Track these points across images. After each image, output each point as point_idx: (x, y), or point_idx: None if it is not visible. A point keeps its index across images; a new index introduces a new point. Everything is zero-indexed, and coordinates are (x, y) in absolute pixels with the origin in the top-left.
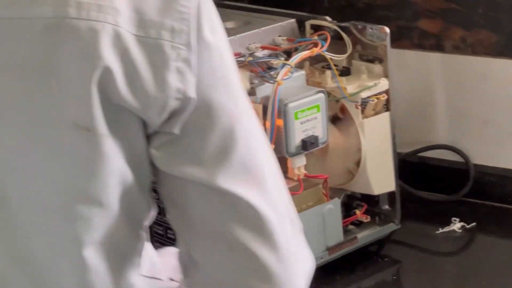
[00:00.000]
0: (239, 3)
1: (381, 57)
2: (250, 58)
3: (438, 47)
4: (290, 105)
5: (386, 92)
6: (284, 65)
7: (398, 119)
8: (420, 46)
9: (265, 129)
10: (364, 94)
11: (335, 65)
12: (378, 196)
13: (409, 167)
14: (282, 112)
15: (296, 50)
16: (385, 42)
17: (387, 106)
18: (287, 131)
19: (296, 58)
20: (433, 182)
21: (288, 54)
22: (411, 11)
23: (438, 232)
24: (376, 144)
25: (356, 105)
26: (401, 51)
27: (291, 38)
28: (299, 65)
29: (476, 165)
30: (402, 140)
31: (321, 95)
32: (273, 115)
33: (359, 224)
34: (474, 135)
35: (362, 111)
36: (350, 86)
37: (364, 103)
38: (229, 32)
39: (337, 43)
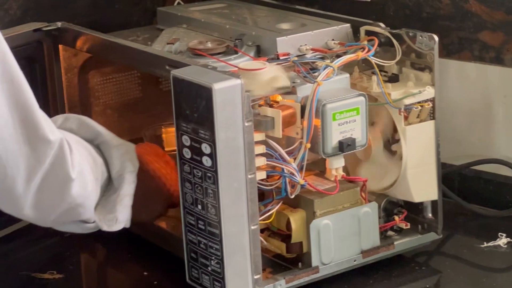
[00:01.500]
0: (304, 7)
1: (430, 66)
2: (295, 58)
3: (498, 60)
4: (328, 105)
5: (432, 100)
6: (326, 66)
7: (456, 131)
8: (480, 58)
9: (303, 128)
10: (407, 101)
11: (385, 72)
12: (422, 204)
13: (463, 180)
14: (320, 112)
15: (345, 53)
16: (433, 50)
17: (433, 115)
18: (324, 132)
19: (339, 60)
20: (486, 196)
21: (339, 58)
22: (473, 22)
23: (482, 246)
24: (419, 151)
25: (399, 111)
26: (461, 63)
27: (343, 42)
28: (349, 70)
29: None
30: (458, 152)
31: (361, 98)
32: (311, 114)
33: (400, 231)
34: None
35: (406, 118)
36: (395, 92)
37: (408, 110)
38: (283, 32)
39: (391, 50)
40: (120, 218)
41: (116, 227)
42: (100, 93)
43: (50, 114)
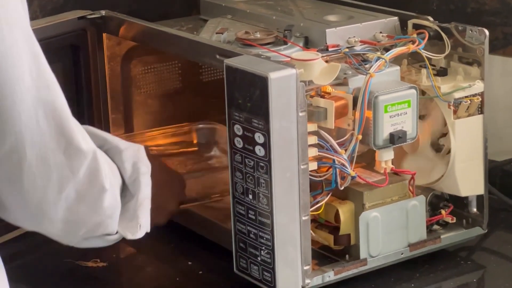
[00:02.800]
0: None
1: (480, 60)
2: (346, 50)
3: None
4: (381, 97)
5: (481, 95)
6: (378, 58)
7: (498, 127)
8: None
9: (354, 120)
10: (457, 95)
11: (433, 65)
12: (467, 199)
13: (505, 175)
14: (372, 104)
15: (394, 46)
16: (483, 45)
17: (481, 109)
18: (376, 123)
19: (391, 53)
20: None
21: (388, 50)
22: None
23: None
24: (467, 145)
25: (448, 105)
26: (506, 59)
27: (391, 35)
28: (398, 63)
29: None
30: (500, 148)
31: (413, 91)
32: (363, 106)
33: (445, 225)
34: None
35: (455, 112)
36: (444, 86)
37: (457, 103)
38: (331, 24)
39: (438, 44)
40: (143, 223)
41: (140, 233)
42: (142, 82)
43: (93, 103)
